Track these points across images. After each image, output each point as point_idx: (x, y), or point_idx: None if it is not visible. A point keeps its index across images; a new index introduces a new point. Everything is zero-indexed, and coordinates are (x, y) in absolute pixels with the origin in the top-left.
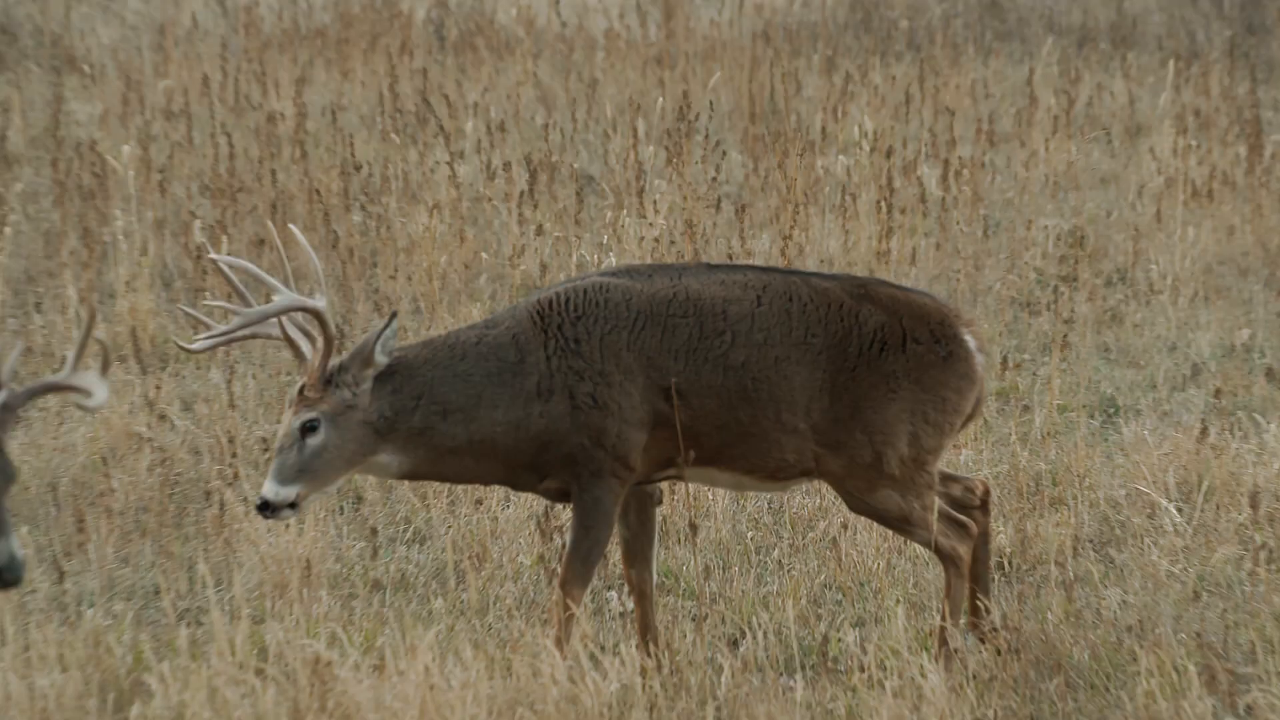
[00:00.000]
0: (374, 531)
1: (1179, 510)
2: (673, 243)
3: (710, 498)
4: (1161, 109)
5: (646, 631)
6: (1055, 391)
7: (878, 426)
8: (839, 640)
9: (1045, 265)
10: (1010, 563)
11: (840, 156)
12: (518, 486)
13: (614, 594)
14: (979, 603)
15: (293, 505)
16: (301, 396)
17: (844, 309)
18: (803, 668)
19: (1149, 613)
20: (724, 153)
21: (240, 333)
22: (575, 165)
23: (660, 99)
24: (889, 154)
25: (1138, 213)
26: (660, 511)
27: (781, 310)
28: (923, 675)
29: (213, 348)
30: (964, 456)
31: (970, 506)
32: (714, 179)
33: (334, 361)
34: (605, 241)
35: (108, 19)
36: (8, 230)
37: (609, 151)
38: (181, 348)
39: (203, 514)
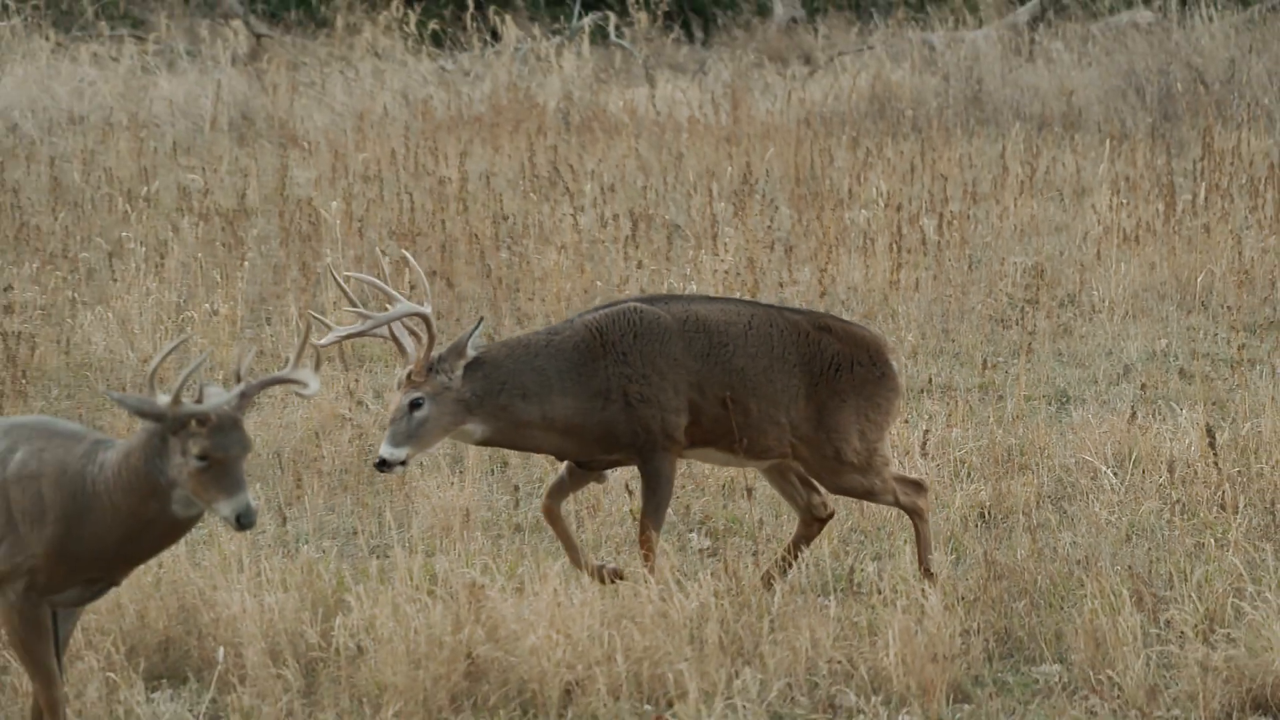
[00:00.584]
0: (516, 488)
1: (1114, 474)
2: (738, 275)
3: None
4: (1100, 176)
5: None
6: (1022, 385)
7: (834, 427)
8: (862, 570)
9: (1014, 291)
10: (989, 513)
11: (862, 210)
12: (580, 457)
13: (694, 534)
14: (773, 578)
15: (403, 463)
16: (409, 380)
17: (809, 338)
18: (834, 591)
19: (1093, 551)
20: (776, 207)
21: (360, 330)
22: (666, 216)
23: (729, 167)
24: (898, 209)
25: (1083, 252)
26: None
27: (765, 333)
28: (924, 597)
29: (337, 342)
30: (954, 434)
31: (819, 518)
32: (769, 227)
33: (434, 354)
34: (688, 273)
35: (321, 108)
36: (246, 264)
37: (691, 206)
38: (315, 346)
39: (388, 477)
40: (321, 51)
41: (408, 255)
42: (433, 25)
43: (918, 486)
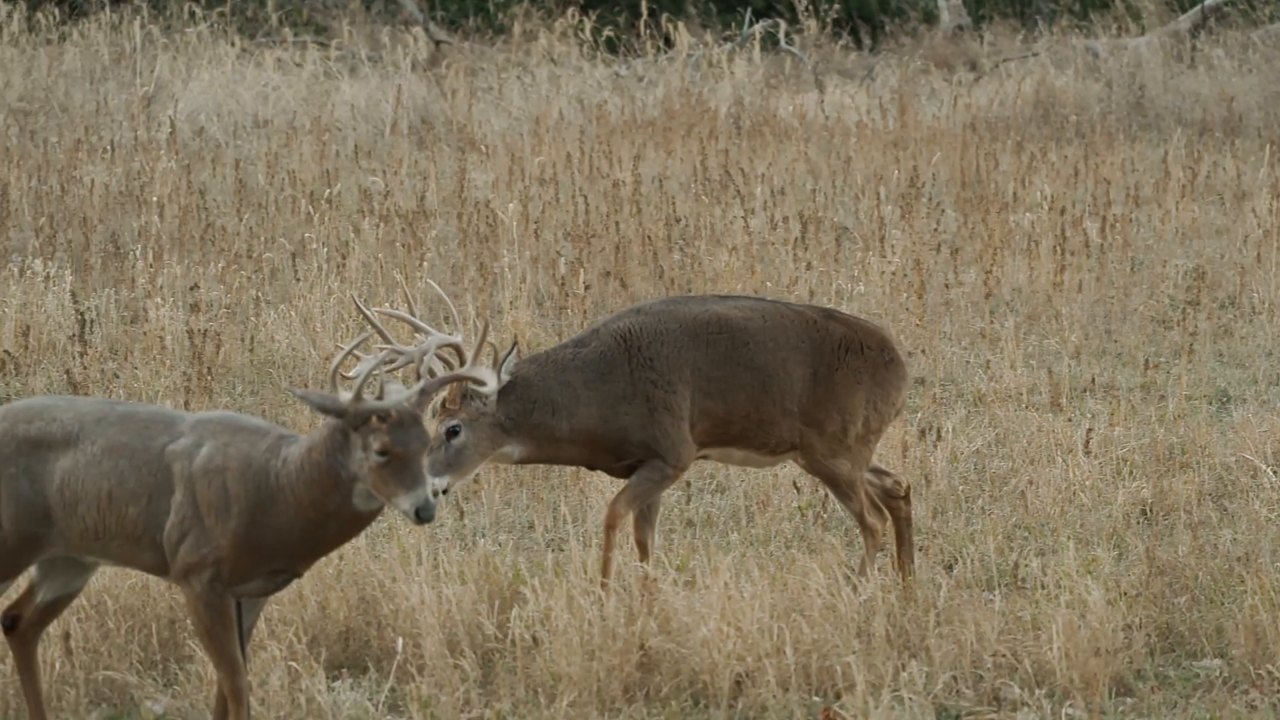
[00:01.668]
0: (688, 484)
1: (1274, 473)
2: (905, 276)
3: (931, 462)
4: (1260, 180)
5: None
6: (1184, 385)
7: (845, 406)
8: (1026, 566)
9: (1176, 293)
10: (1151, 511)
11: (1027, 214)
12: (596, 466)
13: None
14: (906, 563)
15: (444, 492)
16: (444, 409)
17: (818, 325)
18: (999, 586)
19: (1253, 548)
20: (943, 210)
21: (395, 365)
22: (835, 219)
23: (896, 171)
24: (1062, 212)
25: (1244, 255)
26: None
27: (779, 325)
28: (1087, 592)
29: (369, 374)
30: (1116, 432)
31: (897, 497)
32: (935, 229)
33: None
34: (855, 274)
35: (498, 112)
36: (425, 264)
37: (859, 209)
38: (345, 377)
39: (564, 470)
40: (499, 58)
41: (434, 285)
42: (607, 32)
43: (881, 514)
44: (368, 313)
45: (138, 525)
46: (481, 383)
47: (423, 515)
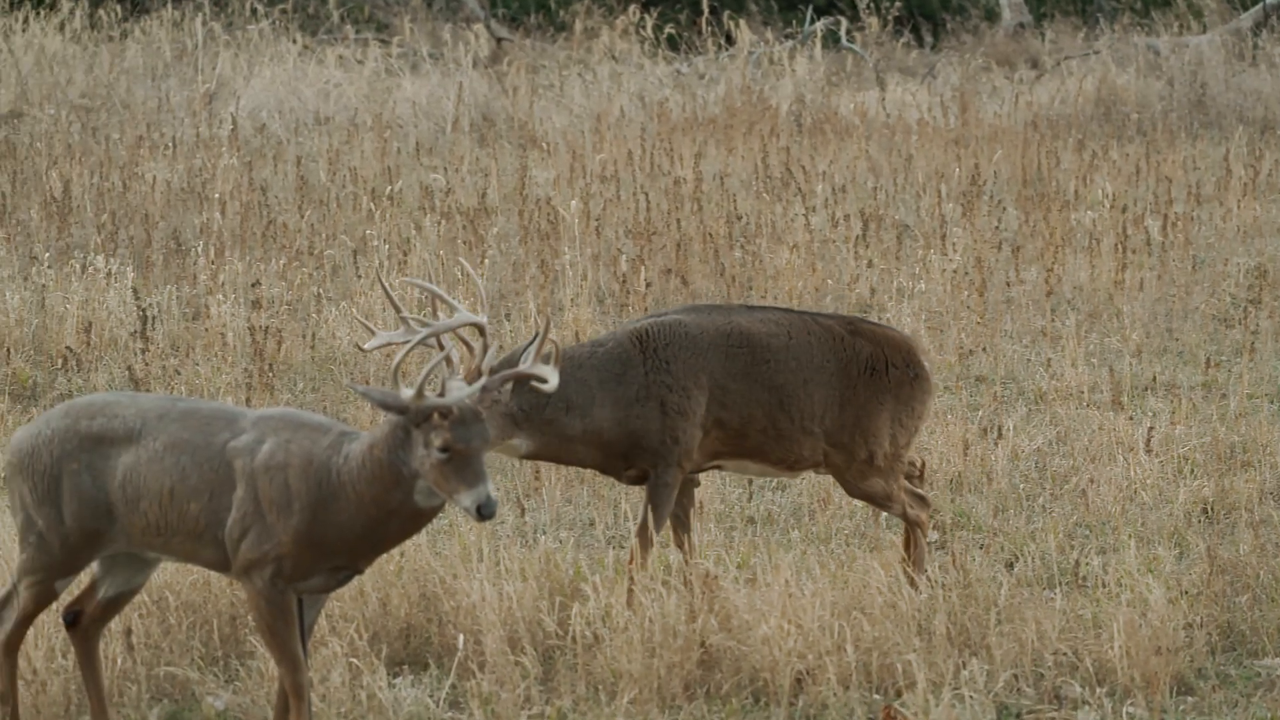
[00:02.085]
0: (749, 481)
1: None
2: (966, 274)
3: (993, 460)
4: None
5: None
6: (1245, 384)
7: (871, 430)
8: (1086, 564)
9: (1237, 291)
10: (1212, 509)
11: (1088, 211)
12: (608, 471)
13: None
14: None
15: None
16: None
17: (844, 342)
18: (1060, 584)
19: None
20: (1004, 208)
21: (414, 340)
22: (896, 216)
23: (957, 169)
24: (1124, 210)
25: None
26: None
27: (804, 343)
28: (1149, 591)
29: (383, 347)
30: (1178, 431)
31: (913, 477)
32: (996, 227)
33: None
34: (916, 272)
35: (559, 110)
36: (486, 261)
37: (920, 207)
38: (360, 349)
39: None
40: (560, 55)
41: (464, 263)
42: (669, 29)
43: (922, 501)
44: (412, 282)
45: (199, 521)
46: (543, 379)
47: (484, 512)
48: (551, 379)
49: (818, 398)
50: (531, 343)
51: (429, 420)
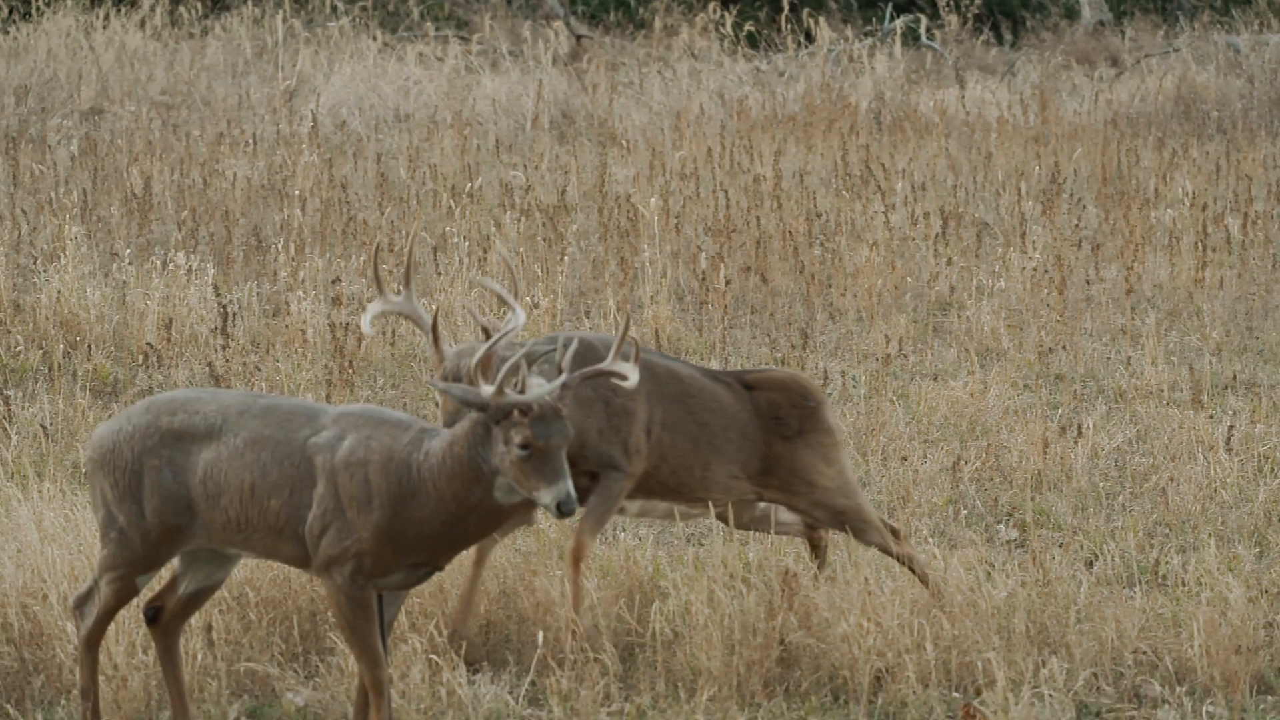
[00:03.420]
0: None
1: None
2: (1046, 272)
3: (1072, 458)
4: None
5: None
6: None
7: (799, 468)
8: (1166, 563)
9: None
10: None
11: (1168, 210)
12: None
13: (1002, 526)
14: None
15: None
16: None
17: (745, 396)
18: (1139, 583)
19: None
20: (1084, 206)
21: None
22: (975, 214)
23: (1037, 167)
24: (1204, 208)
25: None
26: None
27: (715, 393)
28: (1229, 590)
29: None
30: (1258, 429)
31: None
32: (1076, 225)
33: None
34: (996, 270)
35: (639, 107)
36: (566, 259)
37: (1000, 205)
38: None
39: None
40: (640, 52)
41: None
42: (748, 27)
43: (895, 532)
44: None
45: (280, 517)
46: (623, 376)
47: (564, 509)
48: (632, 376)
49: (736, 442)
50: (549, 348)
51: (509, 417)
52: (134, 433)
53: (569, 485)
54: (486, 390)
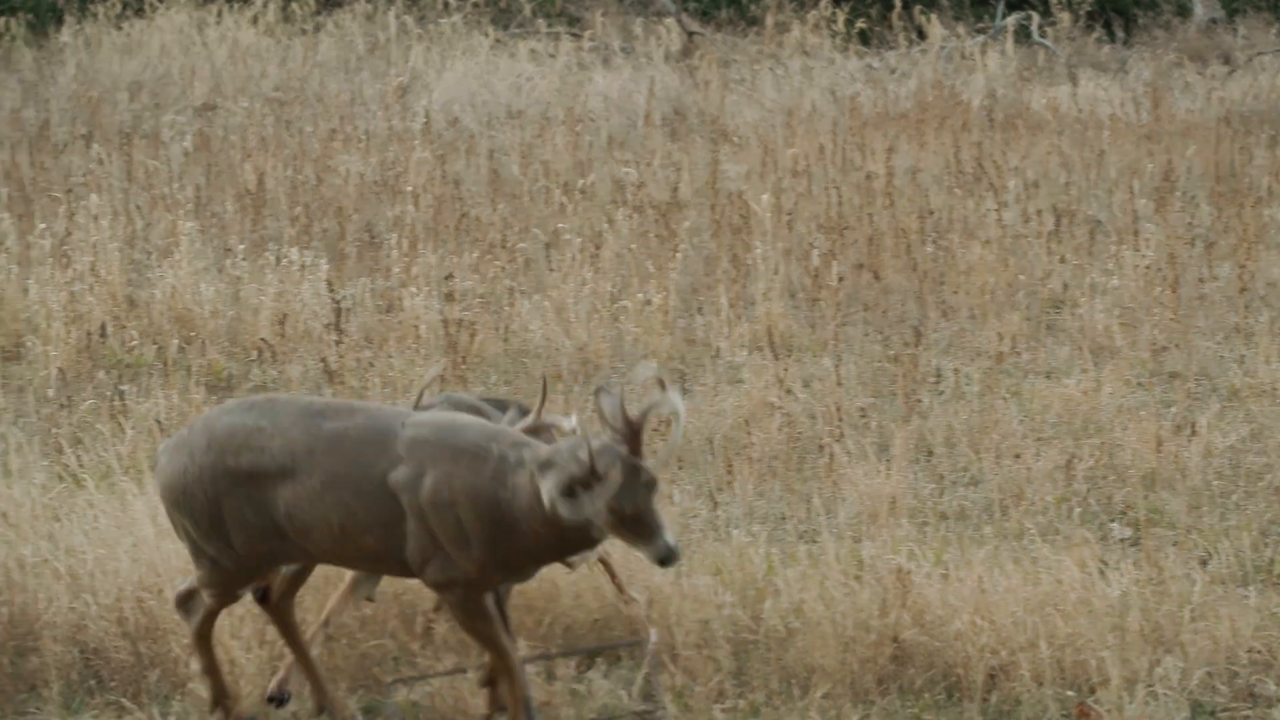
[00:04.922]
0: (941, 477)
1: None
2: (1159, 270)
3: (1186, 456)
4: None
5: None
6: None
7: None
8: None
9: None
10: None
11: None
12: None
13: (1115, 524)
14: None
15: None
16: None
17: None
18: (1254, 581)
19: None
20: (1197, 204)
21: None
22: (1088, 212)
23: (1149, 165)
24: None
25: None
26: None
27: None
28: None
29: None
30: None
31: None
32: (1189, 223)
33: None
34: (1110, 268)
35: (751, 104)
36: (678, 255)
37: (1113, 202)
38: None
39: (817, 462)
40: (751, 49)
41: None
42: (860, 24)
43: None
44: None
45: (378, 549)
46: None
47: (667, 563)
48: (681, 409)
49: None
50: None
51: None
52: (201, 475)
53: (667, 538)
54: (581, 455)
